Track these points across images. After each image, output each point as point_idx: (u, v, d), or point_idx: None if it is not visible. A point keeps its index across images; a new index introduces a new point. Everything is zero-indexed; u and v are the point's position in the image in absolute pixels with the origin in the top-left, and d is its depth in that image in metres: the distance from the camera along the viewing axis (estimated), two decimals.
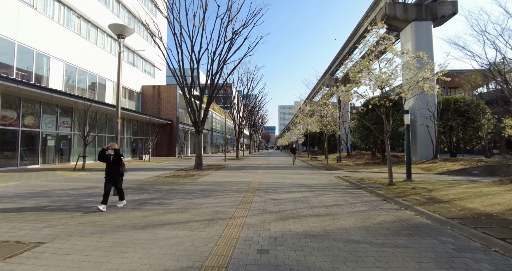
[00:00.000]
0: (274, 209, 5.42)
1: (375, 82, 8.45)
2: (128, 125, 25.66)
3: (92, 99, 17.50)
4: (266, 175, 11.82)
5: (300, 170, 14.94)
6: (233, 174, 12.18)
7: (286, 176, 11.51)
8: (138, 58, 30.21)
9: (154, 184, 8.94)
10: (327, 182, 9.88)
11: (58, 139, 16.87)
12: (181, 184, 8.97)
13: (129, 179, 10.27)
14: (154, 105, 30.85)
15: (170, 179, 10.29)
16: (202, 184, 9.00)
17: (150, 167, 15.87)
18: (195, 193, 7.26)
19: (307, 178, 10.86)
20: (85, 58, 21.02)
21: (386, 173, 12.66)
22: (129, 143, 25.66)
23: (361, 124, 18.45)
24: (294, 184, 9.05)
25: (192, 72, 14.29)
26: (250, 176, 11.36)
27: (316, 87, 35.28)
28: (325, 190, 7.88)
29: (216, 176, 11.30)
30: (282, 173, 13.12)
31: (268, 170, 14.40)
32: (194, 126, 14.04)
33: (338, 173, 13.20)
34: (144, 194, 6.98)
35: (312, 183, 9.48)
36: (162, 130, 30.43)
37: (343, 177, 11.15)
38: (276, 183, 9.25)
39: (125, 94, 27.62)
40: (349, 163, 19.64)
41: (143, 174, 12.14)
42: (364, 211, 5.36)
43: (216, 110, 51.85)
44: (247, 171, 13.97)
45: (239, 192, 7.41)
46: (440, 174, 11.89)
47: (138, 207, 5.50)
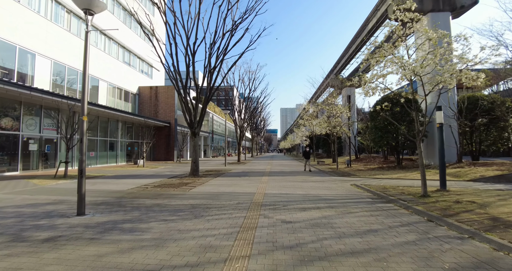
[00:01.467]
0: (288, 240, 3.83)
1: (407, 70, 6.86)
2: (123, 128, 24.20)
3: (78, 99, 16.02)
4: (272, 183, 10.23)
5: (309, 176, 13.33)
6: (233, 182, 10.60)
7: (294, 184, 9.91)
8: (134, 58, 28.87)
9: (136, 196, 7.38)
10: (345, 192, 8.27)
11: (42, 142, 15.39)
12: (169, 196, 7.40)
13: (111, 189, 8.72)
14: (152, 107, 29.42)
15: (159, 189, 8.72)
16: (195, 196, 7.42)
17: (142, 174, 14.32)
18: (184, 210, 5.68)
19: (320, 187, 9.26)
20: (76, 57, 19.63)
21: (408, 180, 11.05)
22: (123, 147, 24.17)
23: (374, 125, 16.84)
24: (306, 196, 7.45)
25: (187, 67, 12.80)
26: (252, 185, 9.77)
27: (321, 87, 33.73)
28: (348, 205, 6.27)
29: (213, 185, 9.72)
30: (289, 180, 11.52)
31: (273, 176, 12.81)
32: (190, 128, 12.51)
33: (353, 180, 11.58)
34: (117, 213, 5.42)
35: (328, 194, 7.87)
36: (159, 133, 28.96)
37: (361, 185, 9.55)
38: (284, 195, 7.65)
39: (121, 95, 26.20)
40: (360, 167, 18.00)
41: (130, 182, 10.58)
42: (415, 242, 3.76)
43: (217, 113, 50.43)
44: (250, 178, 12.38)
45: (240, 209, 5.82)
46: (473, 181, 10.24)
47: (98, 237, 3.93)
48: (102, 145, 21.22)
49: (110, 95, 24.35)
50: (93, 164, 19.65)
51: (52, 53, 17.36)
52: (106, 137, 21.62)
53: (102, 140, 21.13)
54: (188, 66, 12.82)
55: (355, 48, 29.06)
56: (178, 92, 12.41)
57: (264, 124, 59.47)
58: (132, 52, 28.07)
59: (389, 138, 16.21)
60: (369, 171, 15.24)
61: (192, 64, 12.37)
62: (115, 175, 13.37)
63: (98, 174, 14.02)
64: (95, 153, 19.95)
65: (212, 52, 13.11)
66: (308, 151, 15.83)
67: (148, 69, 32.13)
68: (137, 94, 29.17)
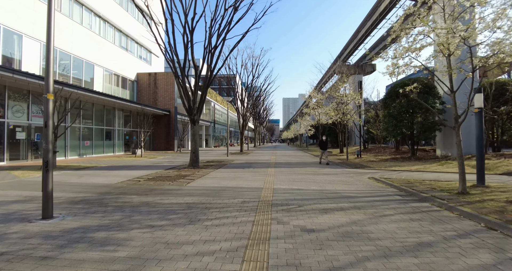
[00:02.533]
0: (317, 262, 2.73)
1: (456, 37, 5.58)
2: (120, 116, 23.09)
3: (65, 83, 14.86)
4: (280, 176, 9.15)
5: (319, 168, 12.24)
6: (237, 175, 9.53)
7: (305, 178, 8.82)
8: (132, 43, 27.44)
9: (124, 192, 6.32)
10: (365, 187, 7.17)
11: (31, 131, 14.34)
12: (163, 192, 6.34)
13: (99, 182, 7.68)
14: (150, 94, 28.21)
15: (152, 183, 7.66)
16: (193, 192, 6.35)
17: (138, 164, 13.30)
18: (177, 212, 4.61)
19: (335, 181, 8.16)
20: (68, 40, 18.33)
21: (430, 172, 9.88)
22: (121, 136, 23.14)
23: (388, 113, 15.58)
24: (323, 192, 6.36)
25: (186, 47, 11.52)
26: (258, 178, 8.69)
27: (328, 73, 32.15)
28: (377, 205, 5.17)
29: (214, 178, 8.65)
30: (298, 172, 10.43)
31: (280, 168, 11.74)
32: (188, 115, 11.37)
33: (369, 172, 10.47)
34: (94, 216, 4.35)
35: (347, 190, 6.77)
36: (159, 122, 27.89)
37: (380, 178, 8.46)
38: (297, 191, 6.56)
39: (118, 82, 24.97)
40: (371, 158, 16.88)
41: (122, 174, 9.54)
42: (497, 266, 2.66)
43: (219, 102, 49.14)
44: (254, 169, 11.31)
45: (246, 210, 4.74)
46: (508, 175, 9.09)
47: (54, 256, 2.86)
48: (98, 133, 20.19)
49: (106, 82, 23.14)
50: (88, 153, 18.67)
51: (41, 35, 16.07)
52: (102, 126, 20.55)
53: (98, 128, 20.08)
54: (187, 46, 11.54)
55: (364, 32, 27.39)
56: (175, 75, 11.19)
57: (266, 114, 58.15)
58: (129, 37, 26.64)
59: (404, 126, 14.98)
60: (382, 162, 14.12)
61: (191, 42, 11.10)
62: (108, 166, 12.36)
63: (90, 164, 13.02)
64: (90, 142, 18.94)
65: (212, 32, 11.79)
66: (326, 140, 14.16)
67: (147, 55, 30.72)
68: (135, 81, 27.92)
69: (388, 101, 15.71)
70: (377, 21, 24.41)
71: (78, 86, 16.63)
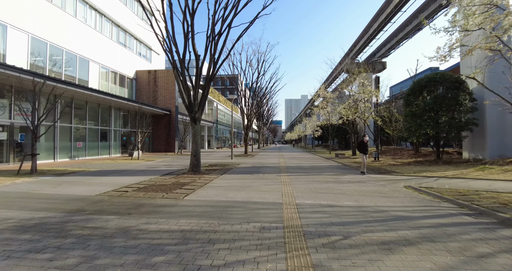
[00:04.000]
0: None
1: None
2: (117, 116, 21.65)
3: (49, 77, 13.43)
4: (297, 185, 7.59)
5: (338, 174, 10.67)
6: (245, 182, 7.98)
7: (330, 187, 7.25)
8: (131, 39, 26.06)
9: (101, 210, 4.79)
10: (411, 201, 5.59)
11: (13, 130, 12.90)
12: (152, 210, 4.80)
13: (75, 193, 6.17)
14: (150, 93, 26.79)
15: (142, 194, 6.13)
16: (191, 211, 4.80)
17: (131, 169, 11.79)
18: (166, 250, 3.06)
19: (369, 192, 6.59)
20: (60, 33, 16.95)
21: (476, 180, 8.15)
22: (118, 137, 21.69)
23: (410, 112, 13.97)
24: (364, 211, 4.79)
25: (186, 36, 10.02)
26: (272, 187, 7.14)
27: (336, 70, 30.43)
28: (452, 234, 3.60)
29: (219, 188, 7.11)
30: (317, 179, 8.87)
31: (293, 174, 10.18)
32: (189, 112, 9.86)
33: (400, 179, 8.88)
34: (38, 258, 2.82)
35: (391, 206, 5.20)
36: (159, 122, 26.46)
37: (420, 188, 6.92)
38: (328, 208, 5.00)
39: (115, 79, 23.57)
40: (390, 161, 15.27)
41: (109, 181, 8.03)
42: None
43: (222, 102, 47.72)
44: (264, 175, 9.76)
45: (268, 246, 3.19)
46: None
47: None
48: (93, 134, 18.75)
49: (103, 79, 21.73)
50: (81, 155, 17.22)
51: (29, 26, 14.68)
52: (97, 125, 19.11)
53: (92, 128, 18.64)
54: (187, 35, 10.03)
55: (377, 26, 25.82)
56: (173, 66, 9.68)
57: (270, 114, 56.59)
58: (128, 32, 25.25)
59: (429, 126, 13.36)
60: (406, 167, 12.51)
61: (191, 27, 9.60)
62: (97, 171, 10.87)
63: (78, 168, 11.54)
64: (83, 143, 17.49)
65: (216, 18, 10.27)
66: (366, 142, 10.71)
67: (147, 52, 29.34)
68: (134, 79, 26.51)
69: (410, 98, 14.10)
70: (392, 14, 22.83)
71: (63, 80, 15.15)
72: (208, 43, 10.33)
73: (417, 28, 24.58)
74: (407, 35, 26.29)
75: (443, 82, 13.06)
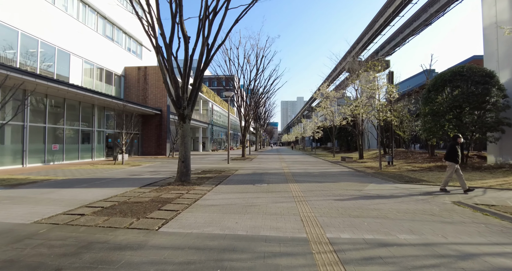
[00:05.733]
0: None
1: None
2: (102, 115, 19.65)
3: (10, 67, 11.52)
4: (316, 202, 5.78)
5: (357, 183, 8.90)
6: (247, 199, 6.14)
7: (361, 207, 5.45)
8: (119, 32, 24.10)
9: (16, 258, 2.91)
10: (494, 232, 3.82)
11: None
12: (98, 261, 2.93)
13: (5, 219, 4.26)
14: (140, 91, 24.83)
15: (101, 221, 4.26)
16: (164, 261, 2.92)
17: (109, 176, 9.87)
18: None
19: (419, 215, 4.80)
20: (35, 21, 14.99)
21: None
22: (102, 138, 19.67)
23: (431, 110, 12.30)
24: (444, 256, 2.99)
25: (173, 16, 8.18)
26: (285, 207, 5.33)
27: (341, 63, 28.62)
28: None
29: (212, 209, 5.25)
30: (336, 192, 7.07)
31: (304, 183, 8.38)
32: (176, 108, 8.02)
33: (437, 190, 7.14)
34: None
35: (481, 246, 3.42)
36: (149, 123, 24.52)
37: (484, 207, 5.17)
38: (383, 250, 3.19)
39: (101, 76, 21.58)
40: (406, 166, 13.57)
41: (68, 196, 6.12)
42: None
43: (218, 102, 45.90)
44: (270, 187, 7.95)
45: None
46: None
47: None
48: (73, 135, 16.75)
49: (87, 75, 19.76)
50: (57, 160, 15.20)
51: None
52: (78, 126, 17.11)
53: (72, 129, 16.65)
54: (175, 15, 8.20)
55: (383, 21, 24.28)
56: (157, 51, 7.84)
57: (267, 115, 54.83)
58: (116, 26, 23.30)
59: (455, 126, 11.70)
60: (429, 173, 10.82)
61: (179, 3, 7.77)
62: (65, 180, 8.93)
63: (45, 176, 9.59)
64: (60, 145, 15.47)
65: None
66: (459, 146, 7.28)
67: (137, 48, 27.39)
68: (123, 76, 24.53)
69: (431, 95, 12.44)
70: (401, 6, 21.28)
71: (28, 71, 13.18)
72: (200, 26, 8.51)
73: (425, 24, 23.09)
74: (414, 31, 24.81)
75: (471, 76, 11.43)
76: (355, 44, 30.26)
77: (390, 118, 12.80)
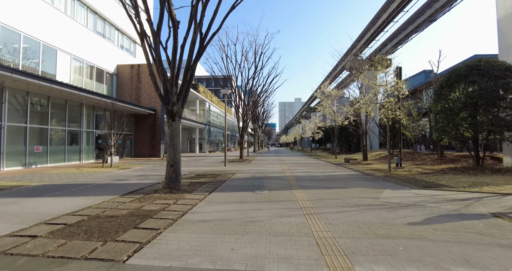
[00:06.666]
0: None
1: None
2: (91, 115, 18.55)
3: None
4: (329, 215, 4.78)
5: (370, 188, 7.92)
6: (246, 212, 5.12)
7: (386, 222, 4.46)
8: (112, 29, 23.04)
9: None
10: None
11: None
12: None
13: None
14: (133, 90, 23.76)
15: (52, 249, 3.22)
16: None
17: (90, 182, 8.80)
18: None
19: (465, 235, 3.81)
20: (17, 13, 13.92)
21: None
22: (91, 139, 18.56)
23: (444, 108, 11.36)
24: None
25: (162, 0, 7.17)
26: (293, 223, 4.33)
27: (336, 68, 27.75)
28: None
29: (202, 228, 4.23)
30: (350, 201, 6.07)
31: (310, 190, 7.37)
32: (164, 104, 6.99)
33: (464, 198, 6.16)
34: None
35: None
36: (142, 123, 23.45)
37: None
38: None
39: (91, 74, 20.51)
40: (416, 168, 12.62)
41: (29, 210, 5.07)
42: None
43: (215, 103, 44.88)
44: (272, 194, 6.94)
45: None
46: None
47: None
48: (58, 136, 15.64)
49: (76, 73, 18.68)
50: (40, 162, 14.08)
51: None
52: (64, 126, 16.00)
53: (58, 129, 15.53)
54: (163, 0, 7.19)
55: (386, 17, 23.42)
56: (141, 37, 6.82)
57: (266, 116, 53.83)
58: (107, 21, 22.23)
59: (471, 125, 10.76)
60: (445, 176, 9.87)
61: None
62: (38, 186, 7.86)
63: (17, 182, 8.51)
64: (44, 147, 14.36)
65: None
66: None
67: (131, 46, 26.33)
68: (115, 74, 23.45)
69: (445, 91, 11.50)
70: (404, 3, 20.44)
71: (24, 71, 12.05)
72: (193, 12, 7.50)
73: (430, 20, 22.25)
74: (418, 27, 23.97)
75: (489, 70, 10.50)
76: (355, 42, 29.35)
77: (399, 117, 11.87)
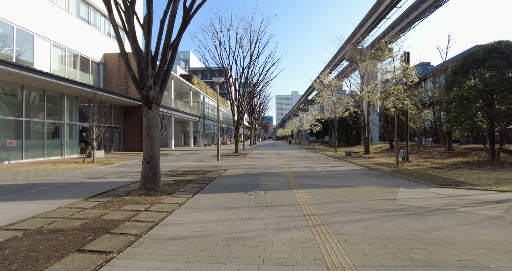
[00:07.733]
0: None
1: None
2: (73, 106, 17.23)
3: None
4: (341, 227, 3.73)
5: (381, 187, 6.89)
6: (234, 223, 4.05)
7: (416, 235, 3.42)
8: (97, 15, 21.48)
9: None
10: None
11: None
12: None
13: None
14: (121, 80, 22.38)
15: None
16: None
17: (59, 180, 7.65)
18: None
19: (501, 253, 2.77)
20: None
21: None
22: (74, 133, 17.30)
23: (458, 96, 10.30)
24: None
25: None
26: (296, 243, 3.26)
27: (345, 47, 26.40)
28: None
29: (172, 251, 3.13)
30: (362, 205, 5.03)
31: (313, 189, 6.32)
32: (138, 88, 5.87)
33: (494, 199, 5.15)
34: None
35: None
36: (131, 116, 22.19)
37: None
38: None
39: (75, 62, 19.08)
40: (425, 163, 11.65)
41: None
42: None
43: (210, 95, 43.52)
44: (268, 196, 5.88)
45: None
46: None
47: None
48: (36, 129, 14.37)
49: (57, 61, 17.27)
50: (14, 158, 12.86)
51: None
52: (42, 118, 14.72)
53: (34, 122, 14.25)
54: None
55: (389, 2, 22.13)
56: (107, 5, 5.62)
57: (262, 108, 52.60)
58: (92, 7, 20.66)
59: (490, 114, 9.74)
60: (460, 171, 8.89)
61: None
62: None
63: None
64: (18, 141, 13.11)
65: None
66: None
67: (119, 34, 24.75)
68: (102, 64, 22.00)
69: (459, 78, 10.42)
70: None
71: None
72: None
73: (436, 5, 21.03)
74: (422, 14, 22.73)
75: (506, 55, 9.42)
76: (356, 29, 28.04)
77: (407, 107, 10.82)
